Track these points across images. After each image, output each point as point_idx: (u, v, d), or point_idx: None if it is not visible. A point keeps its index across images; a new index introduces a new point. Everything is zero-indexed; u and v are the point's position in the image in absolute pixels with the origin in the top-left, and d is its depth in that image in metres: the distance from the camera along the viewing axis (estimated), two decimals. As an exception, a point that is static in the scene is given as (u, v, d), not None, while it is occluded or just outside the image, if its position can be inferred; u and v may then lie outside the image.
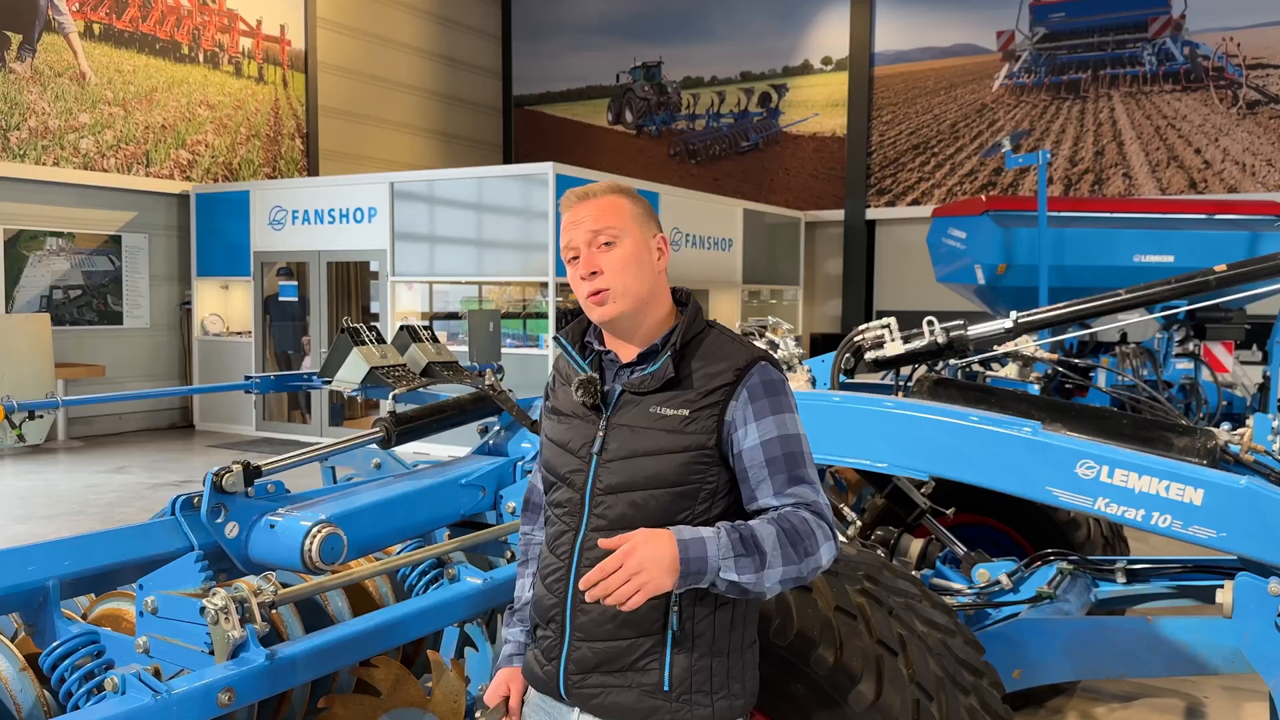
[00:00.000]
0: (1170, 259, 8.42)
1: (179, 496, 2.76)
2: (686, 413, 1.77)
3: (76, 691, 2.18)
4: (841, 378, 3.49)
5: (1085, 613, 3.36)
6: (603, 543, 1.64)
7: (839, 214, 15.99)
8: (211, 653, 2.16)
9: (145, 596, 2.29)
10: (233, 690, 2.03)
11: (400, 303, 11.69)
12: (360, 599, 3.33)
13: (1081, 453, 2.86)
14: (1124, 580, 3.47)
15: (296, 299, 12.38)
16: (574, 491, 1.85)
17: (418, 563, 2.84)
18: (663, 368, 1.79)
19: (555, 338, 1.96)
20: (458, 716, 2.64)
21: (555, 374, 2.01)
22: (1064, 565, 3.48)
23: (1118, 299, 3.25)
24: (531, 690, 1.97)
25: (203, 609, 2.15)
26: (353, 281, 13.01)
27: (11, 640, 2.71)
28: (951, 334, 3.32)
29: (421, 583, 2.85)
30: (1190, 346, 8.69)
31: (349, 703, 2.63)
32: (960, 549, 3.75)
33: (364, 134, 15.96)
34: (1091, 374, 7.28)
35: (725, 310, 14.08)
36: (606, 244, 1.80)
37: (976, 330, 3.38)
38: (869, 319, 15.85)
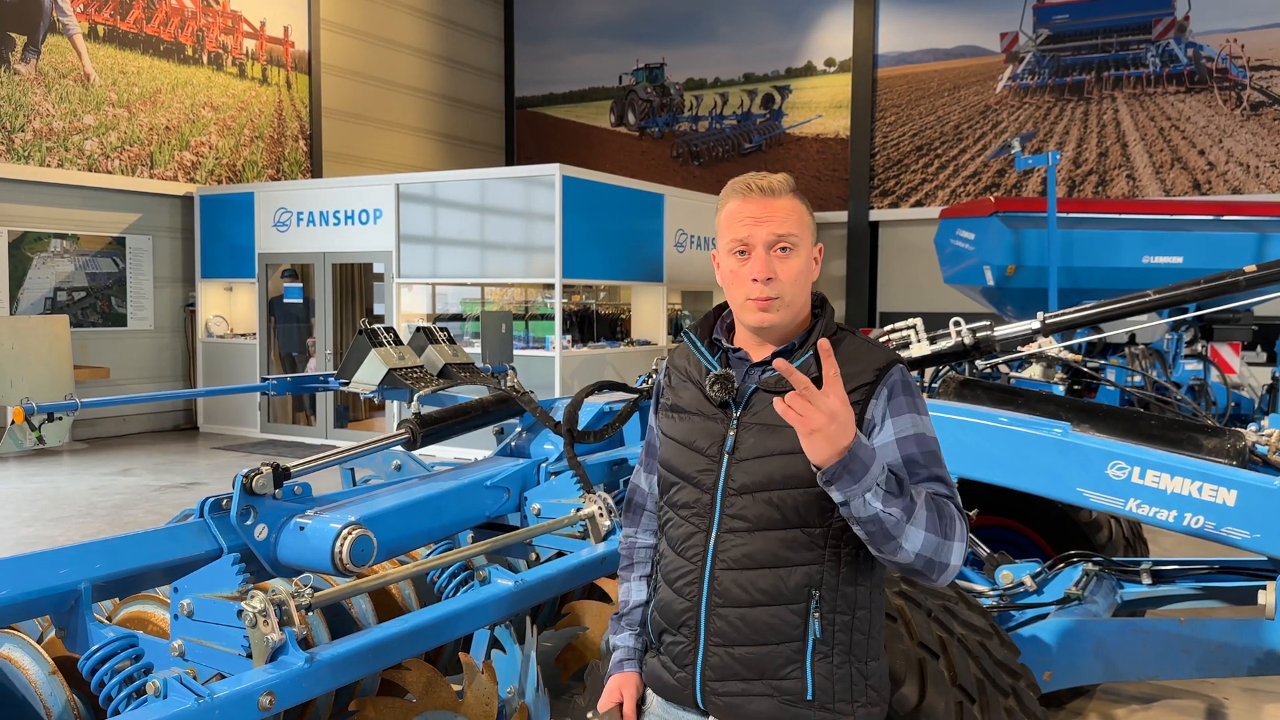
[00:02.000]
0: (1179, 260, 8.42)
1: (207, 499, 2.75)
2: None
3: (117, 696, 2.16)
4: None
5: (1111, 614, 3.35)
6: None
7: (842, 215, 15.99)
8: (249, 656, 2.15)
9: (181, 599, 2.28)
10: (273, 694, 2.02)
11: (405, 304, 11.68)
12: (384, 602, 3.32)
13: (1112, 454, 2.86)
14: (1149, 581, 3.46)
15: (301, 301, 12.35)
16: (702, 492, 1.79)
17: (447, 565, 2.82)
18: (804, 366, 1.74)
19: (685, 333, 1.92)
20: None
21: (672, 370, 1.95)
22: (1089, 567, 3.47)
23: (1147, 299, 3.24)
24: (655, 700, 1.90)
25: (240, 612, 2.14)
26: (356, 283, 12.99)
27: (37, 643, 2.69)
28: (979, 334, 3.31)
29: (451, 585, 2.84)
30: (1198, 348, 8.70)
31: (380, 706, 2.62)
32: (983, 550, 3.73)
33: (367, 136, 15.95)
34: (1113, 374, 7.25)
35: (729, 312, 14.04)
36: (784, 249, 1.74)
37: (1003, 331, 3.37)
38: (872, 321, 15.89)
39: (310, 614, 2.80)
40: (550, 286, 10.82)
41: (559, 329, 10.61)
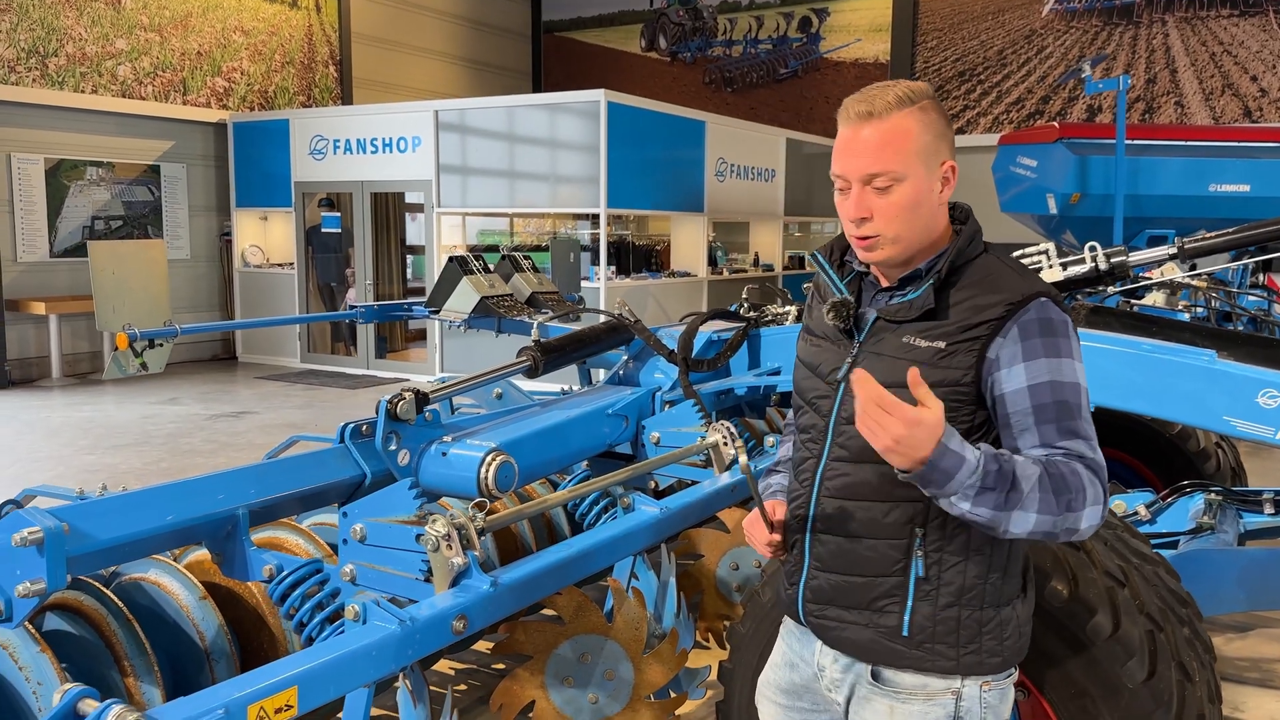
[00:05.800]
0: (1246, 189, 8.24)
1: (347, 424, 2.71)
2: (943, 345, 1.62)
3: (310, 622, 2.15)
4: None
5: (1237, 544, 3.32)
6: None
7: (879, 144, 15.68)
8: (428, 580, 2.13)
9: (352, 524, 2.26)
10: (465, 617, 2.01)
11: (445, 235, 11.56)
12: (502, 535, 3.31)
13: (1264, 382, 2.79)
14: (1272, 511, 3.42)
15: (339, 231, 12.25)
16: (819, 418, 1.77)
17: (587, 493, 2.80)
18: (923, 297, 1.65)
19: (813, 255, 1.88)
20: (639, 644, 2.62)
21: (814, 292, 1.92)
22: (1211, 496, 3.43)
23: (1300, 222, 3.14)
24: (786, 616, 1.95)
25: (420, 536, 2.12)
26: (391, 213, 12.84)
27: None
28: (1113, 260, 3.23)
29: (593, 512, 2.82)
30: (1259, 279, 8.56)
31: (530, 629, 2.61)
32: (1095, 480, 3.70)
33: (395, 61, 15.64)
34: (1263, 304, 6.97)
35: (766, 242, 13.92)
36: (880, 188, 1.63)
37: (1138, 256, 3.29)
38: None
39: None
40: (589, 217, 10.68)
41: (604, 260, 10.51)
